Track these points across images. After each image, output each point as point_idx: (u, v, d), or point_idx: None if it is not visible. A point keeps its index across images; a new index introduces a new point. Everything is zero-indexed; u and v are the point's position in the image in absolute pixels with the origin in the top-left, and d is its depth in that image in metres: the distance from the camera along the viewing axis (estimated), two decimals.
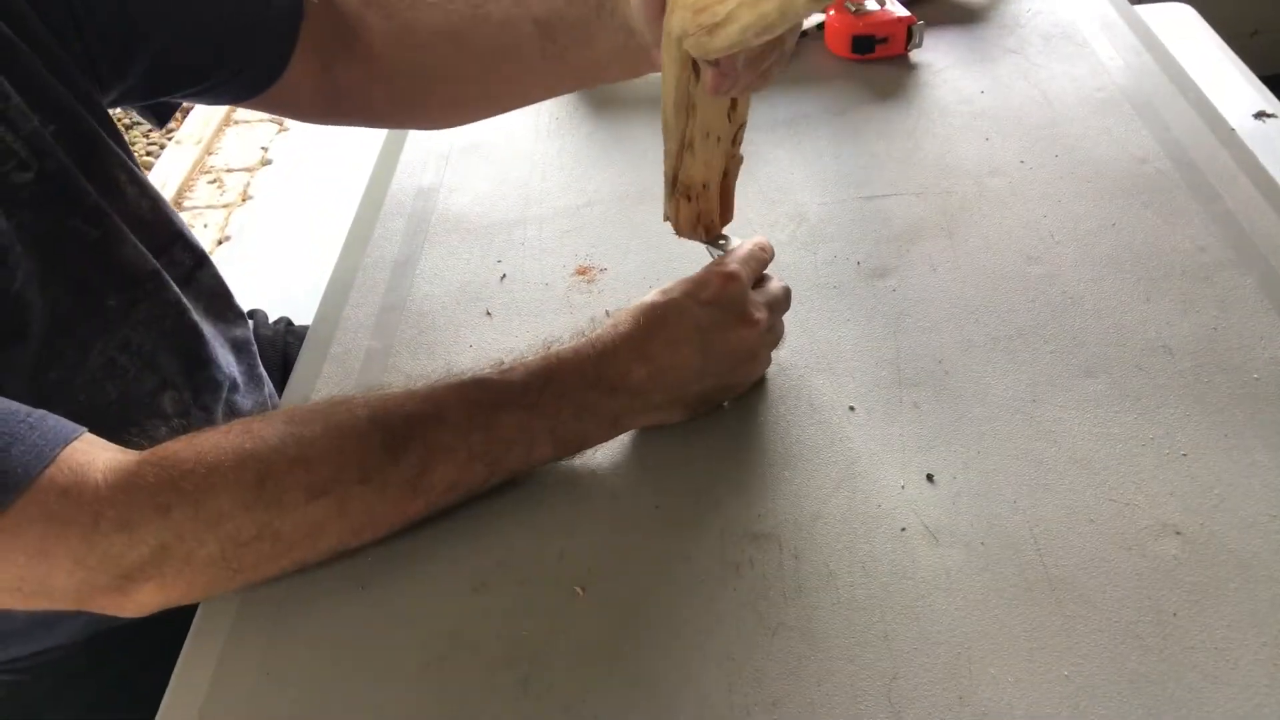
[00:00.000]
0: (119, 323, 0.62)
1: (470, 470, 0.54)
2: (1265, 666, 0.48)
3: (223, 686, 0.51)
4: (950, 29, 1.00)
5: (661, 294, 0.59)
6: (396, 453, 0.51)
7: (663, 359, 0.57)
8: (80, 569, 0.47)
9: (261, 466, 0.49)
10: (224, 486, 0.48)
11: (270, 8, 0.65)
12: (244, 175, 2.54)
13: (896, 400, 0.63)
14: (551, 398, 0.55)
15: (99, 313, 0.61)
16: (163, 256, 0.67)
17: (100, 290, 0.61)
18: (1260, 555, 0.53)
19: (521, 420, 0.54)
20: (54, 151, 0.57)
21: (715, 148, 0.58)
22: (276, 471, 0.49)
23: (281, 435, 0.50)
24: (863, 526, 0.56)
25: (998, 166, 0.81)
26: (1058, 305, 0.68)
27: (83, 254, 0.60)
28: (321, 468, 0.50)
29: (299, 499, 0.50)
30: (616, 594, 0.54)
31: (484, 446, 0.54)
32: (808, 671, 0.50)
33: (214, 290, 0.74)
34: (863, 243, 0.75)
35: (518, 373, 0.55)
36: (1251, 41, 1.90)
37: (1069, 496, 0.56)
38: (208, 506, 0.48)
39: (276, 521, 0.50)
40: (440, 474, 0.53)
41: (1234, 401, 0.61)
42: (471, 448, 0.53)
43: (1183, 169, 0.79)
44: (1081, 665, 0.49)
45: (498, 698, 0.50)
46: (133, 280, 0.63)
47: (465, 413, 0.53)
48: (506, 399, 0.54)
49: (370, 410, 0.52)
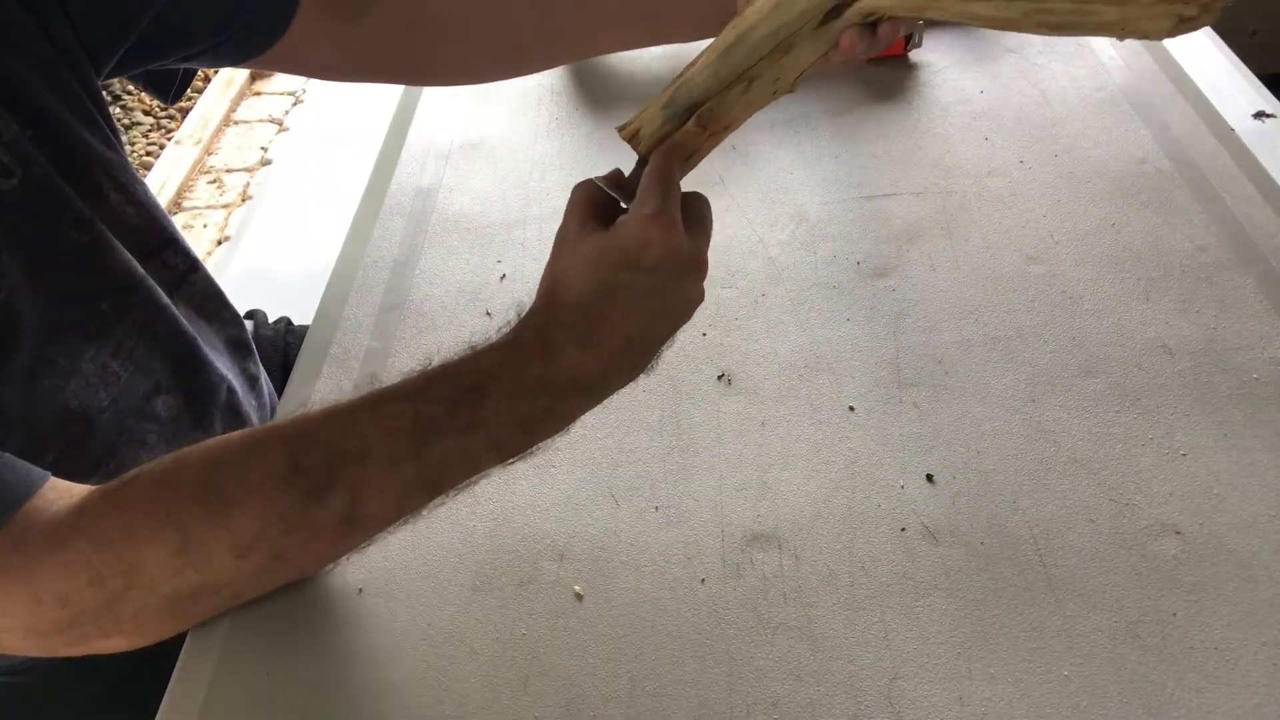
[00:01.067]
0: (111, 328, 0.62)
1: (408, 500, 0.49)
2: (1265, 666, 0.48)
3: (223, 686, 0.51)
4: (950, 29, 1.00)
5: (594, 267, 0.49)
6: (321, 496, 0.47)
7: (615, 343, 0.49)
8: (35, 641, 0.46)
9: (182, 532, 0.45)
10: (149, 554, 0.45)
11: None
12: (244, 175, 2.54)
13: (896, 400, 0.63)
14: (490, 414, 0.48)
15: (91, 319, 0.60)
16: (153, 260, 0.66)
17: (91, 296, 0.60)
18: (1260, 555, 0.53)
19: (457, 444, 0.48)
20: (37, 159, 0.56)
21: (767, 97, 0.53)
22: (198, 534, 0.46)
23: (201, 489, 0.46)
24: (862, 526, 0.56)
25: (997, 166, 0.81)
26: (1057, 305, 0.68)
27: (72, 260, 0.59)
28: (244, 524, 0.46)
29: (227, 559, 0.47)
30: (616, 594, 0.54)
31: (417, 476, 0.48)
32: (808, 672, 0.50)
33: (207, 292, 0.73)
34: (862, 242, 0.75)
35: (444, 389, 0.48)
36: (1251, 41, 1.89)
37: (1069, 496, 0.56)
38: (139, 576, 0.45)
39: (211, 580, 0.47)
40: (374, 508, 0.48)
41: (1233, 401, 0.61)
42: (404, 479, 0.48)
43: (1183, 169, 0.79)
44: (1081, 665, 0.49)
45: (498, 698, 0.50)
46: (124, 286, 0.62)
47: (389, 446, 0.47)
48: (435, 425, 0.48)
49: (288, 450, 0.47)
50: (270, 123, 2.75)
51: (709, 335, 0.68)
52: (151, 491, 0.46)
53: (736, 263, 0.74)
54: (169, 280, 0.68)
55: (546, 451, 0.56)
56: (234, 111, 2.79)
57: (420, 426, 0.47)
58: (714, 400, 0.64)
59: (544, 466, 0.60)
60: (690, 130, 0.52)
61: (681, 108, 0.52)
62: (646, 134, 0.53)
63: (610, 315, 0.49)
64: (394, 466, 0.47)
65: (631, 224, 0.49)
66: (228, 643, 0.53)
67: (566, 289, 0.49)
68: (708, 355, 0.67)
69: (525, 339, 0.49)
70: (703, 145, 0.53)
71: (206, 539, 0.46)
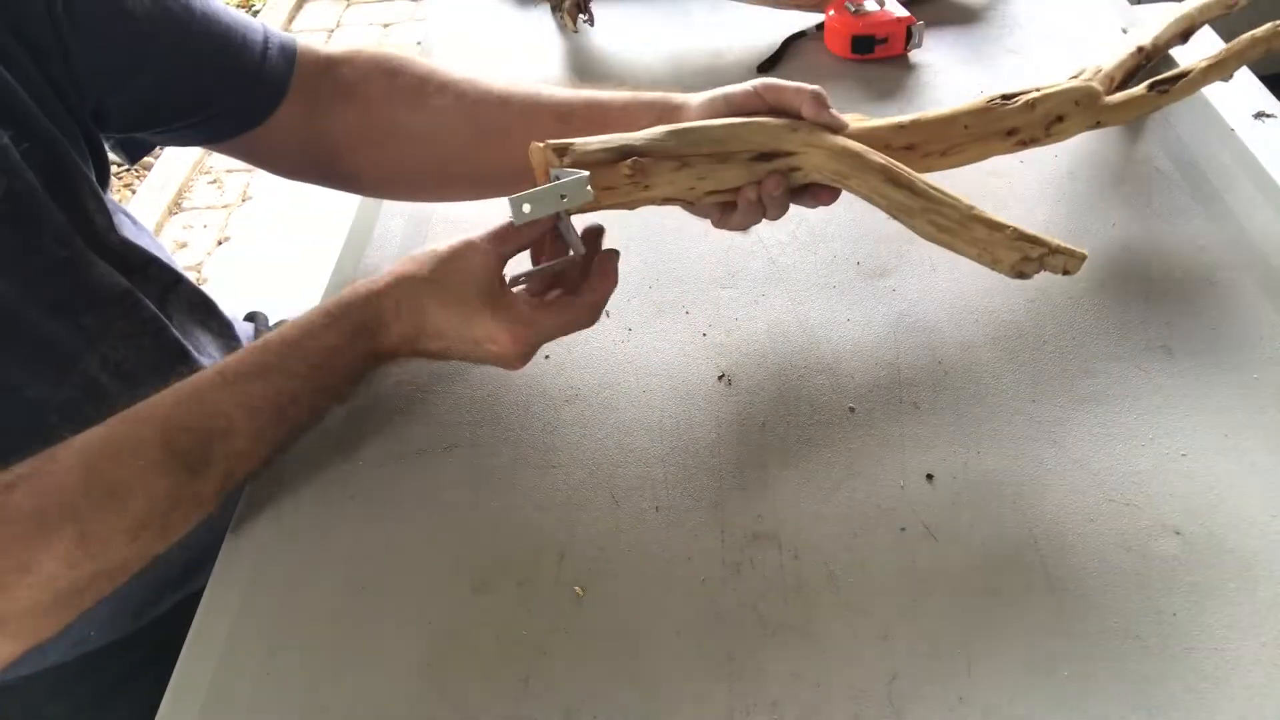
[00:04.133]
0: (97, 341, 0.61)
1: (275, 451, 0.58)
2: (1265, 667, 0.48)
3: (223, 686, 0.51)
4: (950, 29, 1.00)
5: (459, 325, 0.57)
6: (199, 471, 0.53)
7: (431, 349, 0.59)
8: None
9: (78, 527, 0.49)
10: (46, 553, 0.48)
11: (264, 58, 0.66)
12: (244, 176, 2.54)
13: (896, 400, 0.63)
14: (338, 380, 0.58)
15: (76, 331, 0.60)
16: (135, 275, 0.66)
17: (75, 309, 0.60)
18: (1259, 555, 0.53)
19: (310, 403, 0.57)
20: (23, 171, 0.56)
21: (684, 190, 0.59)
22: (94, 527, 0.49)
23: (89, 484, 0.50)
24: (862, 526, 0.56)
25: (997, 167, 0.81)
26: (1057, 305, 0.68)
27: (54, 273, 0.59)
28: (134, 508, 0.50)
29: (121, 543, 0.50)
30: (616, 594, 0.54)
31: (280, 436, 0.57)
32: (808, 671, 0.50)
33: (193, 301, 0.74)
34: (862, 243, 0.75)
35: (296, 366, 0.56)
36: None
37: (1069, 496, 0.56)
38: (34, 573, 0.48)
39: (106, 565, 0.51)
40: (245, 469, 0.56)
41: (1233, 402, 0.61)
42: (269, 441, 0.56)
43: (1183, 169, 0.79)
44: (1081, 665, 0.49)
45: (498, 698, 0.50)
46: (107, 299, 0.62)
47: (252, 421, 0.54)
48: (290, 397, 0.56)
49: (161, 437, 0.52)
50: None
51: (709, 335, 0.68)
52: (39, 495, 0.49)
53: (737, 263, 0.74)
54: (154, 294, 0.68)
55: (548, 452, 0.59)
56: None
57: (277, 401, 0.55)
58: (714, 400, 0.64)
59: (544, 467, 0.60)
60: (623, 168, 0.56)
61: (620, 151, 0.57)
62: (579, 150, 0.56)
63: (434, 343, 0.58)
64: (259, 436, 0.55)
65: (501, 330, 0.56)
66: (228, 643, 0.53)
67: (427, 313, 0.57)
68: (708, 356, 0.67)
69: (368, 324, 0.57)
70: (619, 188, 0.57)
71: (102, 531, 0.50)
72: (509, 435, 0.63)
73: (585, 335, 0.69)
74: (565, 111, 0.67)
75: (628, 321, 0.70)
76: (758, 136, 0.59)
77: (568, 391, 0.65)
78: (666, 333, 0.69)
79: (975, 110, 0.67)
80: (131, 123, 0.66)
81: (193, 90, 0.65)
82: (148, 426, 0.52)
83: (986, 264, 0.62)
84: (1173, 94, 0.72)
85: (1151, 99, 0.72)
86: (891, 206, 0.61)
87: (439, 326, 0.57)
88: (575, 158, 0.56)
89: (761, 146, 0.59)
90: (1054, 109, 0.68)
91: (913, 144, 0.65)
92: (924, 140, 0.65)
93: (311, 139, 0.70)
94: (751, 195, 0.60)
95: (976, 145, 0.67)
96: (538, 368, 0.67)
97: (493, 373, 0.67)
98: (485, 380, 0.66)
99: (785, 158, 0.60)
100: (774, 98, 0.61)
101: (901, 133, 0.65)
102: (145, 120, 0.66)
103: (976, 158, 0.68)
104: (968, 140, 0.67)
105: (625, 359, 0.67)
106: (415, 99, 0.69)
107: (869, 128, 0.64)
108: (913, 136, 0.65)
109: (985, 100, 0.67)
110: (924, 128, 0.65)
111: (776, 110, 0.61)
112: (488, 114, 0.68)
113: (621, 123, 0.64)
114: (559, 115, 0.67)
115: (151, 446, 0.51)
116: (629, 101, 0.66)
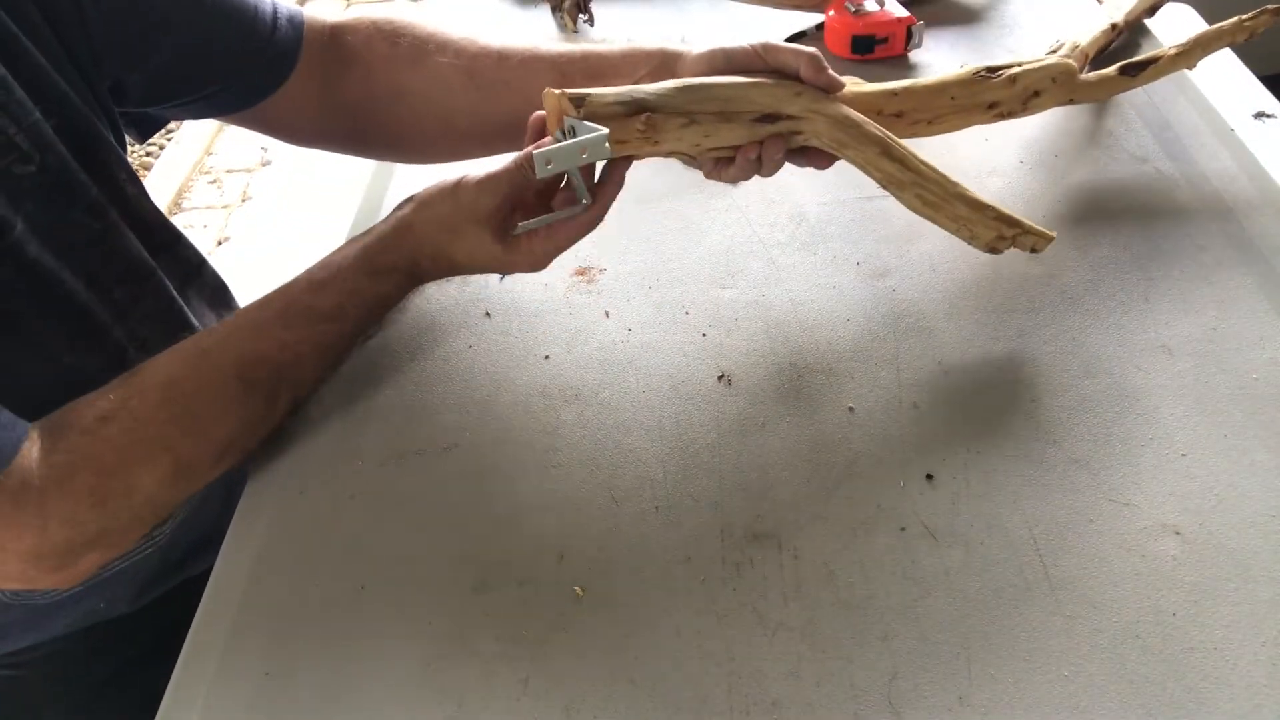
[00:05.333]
0: (126, 315, 0.63)
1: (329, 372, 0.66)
2: (1264, 667, 0.48)
3: (223, 686, 0.51)
4: (950, 29, 1.00)
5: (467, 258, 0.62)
6: (274, 399, 0.60)
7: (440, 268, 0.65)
8: (32, 564, 0.53)
9: (173, 455, 0.55)
10: (149, 475, 0.54)
11: (275, 28, 0.67)
12: (244, 176, 2.54)
13: (896, 400, 0.63)
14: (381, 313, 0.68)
15: (108, 303, 0.62)
16: (164, 254, 0.68)
17: (107, 282, 0.62)
18: (1259, 555, 0.53)
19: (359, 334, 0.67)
20: (54, 145, 0.57)
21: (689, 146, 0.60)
22: (186, 454, 0.56)
23: (178, 415, 0.56)
24: (862, 526, 0.56)
25: (997, 167, 0.81)
26: (1057, 305, 0.68)
27: (88, 246, 0.60)
28: (220, 436, 0.57)
29: (208, 466, 0.58)
30: (616, 594, 0.54)
31: (334, 361, 0.66)
32: (807, 671, 0.50)
33: (215, 285, 0.76)
34: (863, 243, 0.75)
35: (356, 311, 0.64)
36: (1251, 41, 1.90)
37: (1069, 496, 0.56)
38: (136, 494, 0.54)
39: (195, 484, 0.58)
40: (312, 388, 0.65)
41: (1233, 402, 0.61)
42: (326, 365, 0.65)
43: (1183, 169, 0.79)
44: (1081, 665, 0.49)
45: (498, 698, 0.50)
46: (137, 275, 0.64)
47: (318, 354, 0.63)
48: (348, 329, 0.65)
49: (236, 372, 0.58)
50: None
51: (709, 336, 0.68)
52: (135, 425, 0.54)
53: (737, 263, 0.74)
54: (181, 274, 0.70)
55: (548, 452, 0.60)
56: None
57: (337, 339, 0.64)
58: (714, 401, 0.64)
59: (545, 467, 0.60)
60: (635, 124, 0.58)
61: (633, 104, 0.58)
62: (595, 102, 0.57)
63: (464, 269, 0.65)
64: (323, 364, 0.64)
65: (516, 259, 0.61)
66: (228, 643, 0.53)
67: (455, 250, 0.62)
68: (708, 356, 0.67)
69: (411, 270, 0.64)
70: (631, 142, 0.59)
71: (193, 456, 0.56)
72: (509, 435, 0.63)
73: (585, 336, 0.69)
74: (564, 63, 0.69)
75: (628, 322, 0.70)
76: (763, 98, 0.60)
77: (567, 392, 0.65)
78: (666, 333, 0.69)
79: (962, 81, 0.69)
80: (149, 97, 0.67)
81: (208, 63, 0.66)
82: (223, 362, 0.58)
83: (964, 238, 0.65)
84: (1141, 78, 0.77)
85: (1123, 81, 0.77)
86: (884, 178, 0.63)
87: (468, 258, 0.62)
88: (591, 109, 0.57)
89: (765, 108, 0.60)
90: (1033, 84, 0.71)
91: (902, 111, 0.68)
92: (913, 108, 0.68)
93: (321, 106, 0.72)
94: (752, 154, 0.61)
95: (959, 116, 0.70)
96: (538, 367, 0.67)
97: (493, 372, 0.67)
98: (485, 380, 0.67)
99: (788, 120, 0.61)
100: (773, 59, 0.62)
101: (893, 99, 0.67)
102: (162, 95, 0.67)
103: (958, 127, 0.71)
104: (952, 111, 0.69)
105: (625, 359, 0.67)
106: (416, 59, 0.70)
107: (863, 92, 0.66)
108: (903, 104, 0.67)
109: (972, 72, 0.69)
110: (914, 95, 0.68)
111: (775, 71, 0.63)
112: (487, 68, 0.70)
113: (622, 72, 0.67)
114: (557, 67, 0.69)
115: (230, 382, 0.57)
116: (628, 52, 0.68)
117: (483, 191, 0.59)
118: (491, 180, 0.59)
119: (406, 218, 0.62)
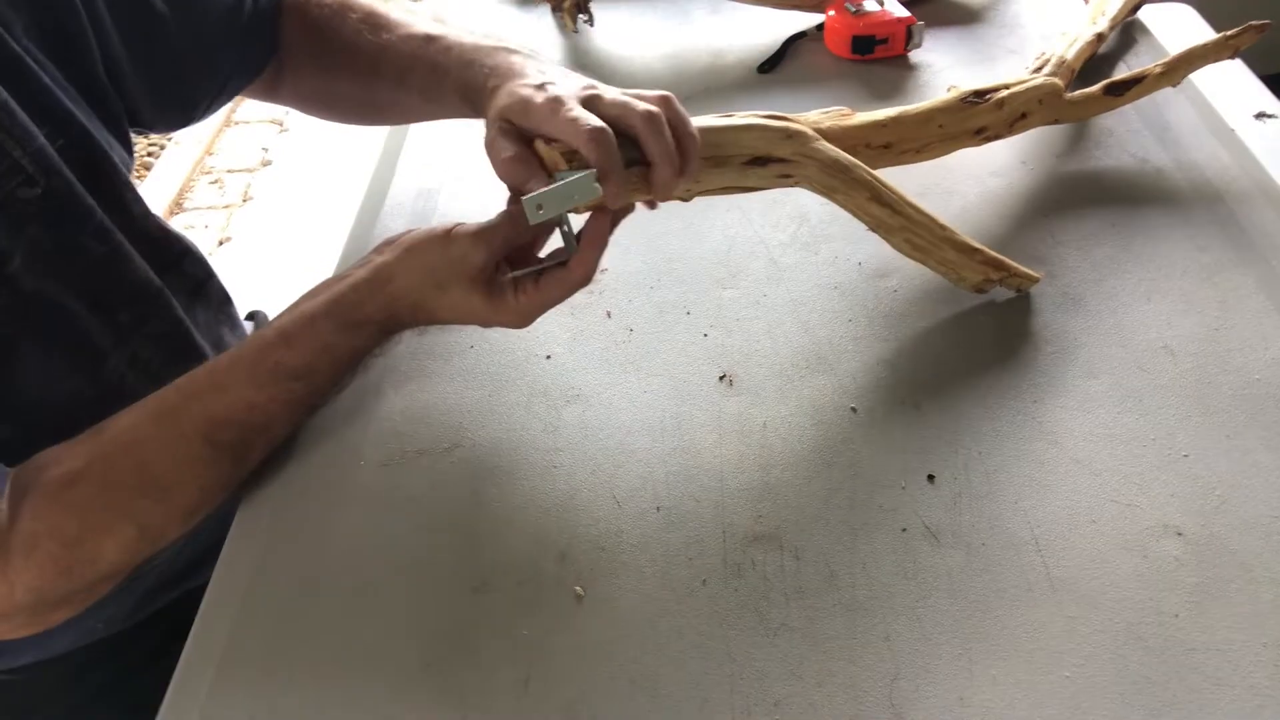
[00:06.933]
0: (129, 337, 0.63)
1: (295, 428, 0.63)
2: (1266, 668, 0.48)
3: (223, 686, 0.51)
4: (950, 29, 1.00)
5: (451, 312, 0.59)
6: (242, 459, 0.59)
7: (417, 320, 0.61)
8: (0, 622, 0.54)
9: (137, 523, 0.54)
10: (112, 544, 0.54)
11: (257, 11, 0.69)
12: (244, 176, 2.54)
13: (897, 400, 0.63)
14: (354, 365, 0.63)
15: (112, 326, 0.61)
16: (171, 271, 0.68)
17: (112, 305, 0.61)
18: (1262, 556, 0.53)
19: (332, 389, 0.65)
20: (60, 169, 0.56)
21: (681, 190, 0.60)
22: (151, 520, 0.55)
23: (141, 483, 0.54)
24: (864, 527, 0.56)
25: (998, 167, 0.81)
26: (1058, 305, 0.68)
27: (92, 270, 0.60)
28: (185, 499, 0.56)
29: (174, 530, 0.57)
30: (617, 594, 0.54)
31: (303, 418, 0.63)
32: (809, 672, 0.49)
33: (221, 298, 0.76)
34: (864, 243, 0.75)
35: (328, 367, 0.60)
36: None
37: (1070, 497, 0.56)
38: (100, 561, 0.54)
39: (160, 547, 0.57)
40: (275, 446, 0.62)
41: (1235, 402, 0.61)
42: (296, 423, 0.63)
43: (1183, 169, 0.79)
44: (1083, 666, 0.49)
45: (498, 698, 0.50)
46: (141, 296, 0.64)
47: (288, 413, 0.60)
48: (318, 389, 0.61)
49: (202, 433, 0.56)
50: (271, 123, 2.75)
51: (710, 336, 0.68)
52: (100, 492, 0.53)
53: (738, 263, 0.74)
54: (188, 288, 0.70)
55: (549, 453, 0.60)
56: (234, 112, 2.79)
57: (308, 396, 0.61)
58: (715, 401, 0.64)
59: (545, 467, 0.60)
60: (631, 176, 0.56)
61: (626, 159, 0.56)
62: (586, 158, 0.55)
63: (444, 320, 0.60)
64: (292, 422, 0.62)
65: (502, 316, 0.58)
66: (228, 643, 0.53)
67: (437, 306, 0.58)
68: (709, 356, 0.67)
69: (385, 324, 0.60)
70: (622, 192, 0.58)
71: (158, 522, 0.56)
72: (509, 435, 0.63)
73: (586, 336, 0.69)
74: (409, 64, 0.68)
75: (629, 322, 0.70)
76: (754, 141, 0.60)
77: (569, 392, 0.65)
78: (668, 333, 0.69)
79: (950, 108, 0.69)
80: (167, 121, 0.70)
81: (212, 71, 0.68)
82: (187, 421, 0.56)
83: (952, 280, 0.67)
84: (1126, 97, 0.78)
85: (1107, 100, 0.78)
86: (873, 222, 0.64)
87: (450, 312, 0.59)
88: (583, 164, 0.55)
89: (757, 151, 0.60)
90: (1020, 106, 0.71)
91: (890, 142, 0.68)
92: (901, 139, 0.68)
93: (298, 78, 0.74)
94: None
95: (947, 143, 0.70)
96: (538, 367, 0.67)
97: (493, 372, 0.67)
98: (485, 380, 0.66)
99: (779, 164, 0.61)
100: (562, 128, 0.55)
101: (882, 131, 0.67)
102: (180, 118, 0.70)
103: (945, 153, 0.71)
104: (939, 139, 0.70)
105: (626, 359, 0.67)
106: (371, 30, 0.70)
107: (851, 125, 0.66)
108: (891, 135, 0.68)
109: (958, 97, 0.69)
110: (902, 125, 0.68)
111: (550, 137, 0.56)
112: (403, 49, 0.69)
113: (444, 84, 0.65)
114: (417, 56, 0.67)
115: (196, 443, 0.56)
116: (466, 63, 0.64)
117: (477, 245, 0.56)
118: (487, 233, 0.56)
119: (388, 267, 0.58)
